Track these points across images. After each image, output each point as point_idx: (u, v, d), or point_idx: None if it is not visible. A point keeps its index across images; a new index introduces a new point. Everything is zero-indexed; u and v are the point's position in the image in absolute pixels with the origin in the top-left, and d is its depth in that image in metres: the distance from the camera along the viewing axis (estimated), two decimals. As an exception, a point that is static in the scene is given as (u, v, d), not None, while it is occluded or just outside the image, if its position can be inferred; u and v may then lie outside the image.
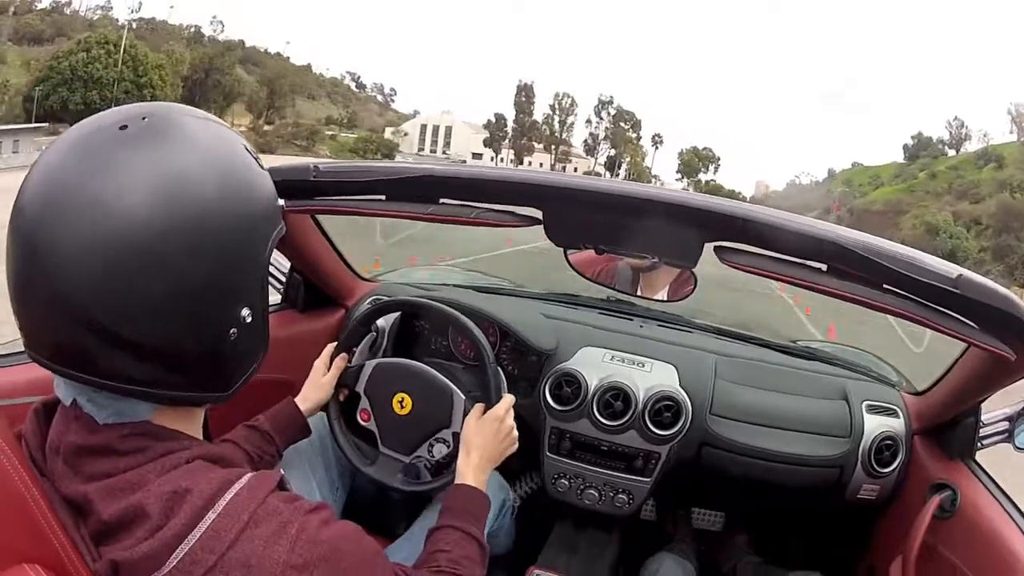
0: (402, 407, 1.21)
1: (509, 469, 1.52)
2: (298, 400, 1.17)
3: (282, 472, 0.72)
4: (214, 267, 0.63)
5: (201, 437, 0.71)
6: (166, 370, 0.63)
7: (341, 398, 1.24)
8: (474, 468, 1.04)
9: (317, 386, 1.20)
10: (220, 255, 0.64)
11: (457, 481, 1.03)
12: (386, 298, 1.35)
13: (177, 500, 0.61)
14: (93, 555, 0.62)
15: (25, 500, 0.56)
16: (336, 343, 1.26)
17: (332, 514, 0.70)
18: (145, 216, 0.59)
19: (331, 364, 1.22)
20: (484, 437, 1.08)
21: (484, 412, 1.12)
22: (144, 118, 0.63)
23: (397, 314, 1.42)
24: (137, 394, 0.63)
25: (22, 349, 1.04)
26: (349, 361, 1.25)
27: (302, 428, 1.16)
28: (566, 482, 1.47)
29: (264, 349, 0.73)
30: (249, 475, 0.66)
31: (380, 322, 1.39)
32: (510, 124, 69.10)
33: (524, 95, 69.43)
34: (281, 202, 0.73)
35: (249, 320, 0.67)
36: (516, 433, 1.12)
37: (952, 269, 0.82)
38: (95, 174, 0.59)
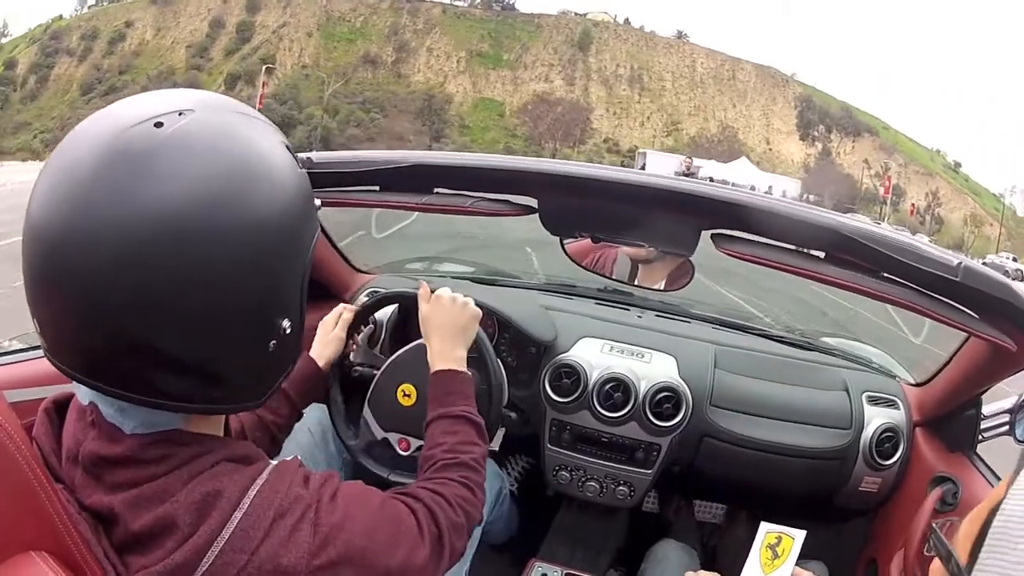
0: (407, 397, 1.21)
1: (497, 456, 1.51)
2: (312, 355, 1.13)
3: (297, 456, 0.72)
4: (259, 280, 0.60)
5: (222, 433, 0.70)
6: (204, 385, 0.60)
7: (352, 347, 1.23)
8: (440, 352, 1.00)
9: (326, 342, 1.16)
10: (266, 268, 0.60)
11: (432, 371, 0.99)
12: (383, 290, 1.34)
13: (208, 505, 0.60)
14: (118, 567, 0.60)
15: (33, 488, 0.56)
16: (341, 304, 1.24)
17: (338, 480, 0.70)
18: (188, 229, 0.55)
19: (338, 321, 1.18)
20: (441, 316, 1.03)
21: (431, 298, 1.06)
22: (180, 113, 0.58)
23: (395, 306, 1.42)
24: (171, 408, 0.61)
25: (28, 345, 1.04)
26: (351, 346, 1.24)
27: (317, 381, 1.11)
28: (567, 474, 1.46)
29: (299, 355, 0.71)
30: (268, 468, 0.65)
31: (378, 314, 1.38)
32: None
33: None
34: (318, 202, 0.69)
35: (288, 331, 0.65)
36: (472, 302, 1.06)
37: (952, 258, 0.81)
38: (130, 181, 0.54)
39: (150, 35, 62.27)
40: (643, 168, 36.25)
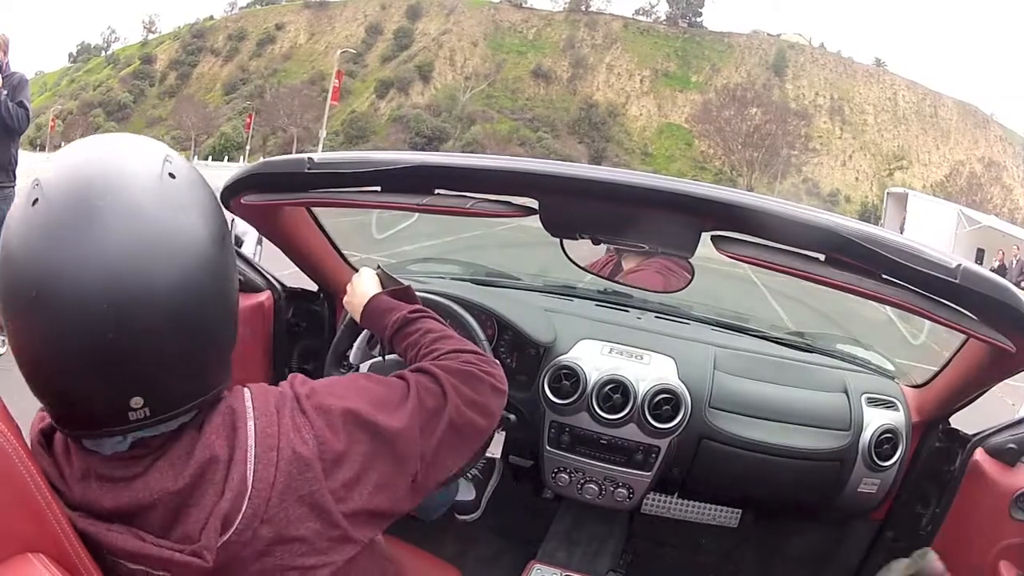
0: None
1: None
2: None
3: None
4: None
5: None
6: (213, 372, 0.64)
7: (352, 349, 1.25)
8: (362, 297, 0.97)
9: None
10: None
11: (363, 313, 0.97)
12: None
13: (231, 424, 0.62)
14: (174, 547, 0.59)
15: (28, 487, 0.56)
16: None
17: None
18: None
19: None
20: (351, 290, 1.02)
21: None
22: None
23: None
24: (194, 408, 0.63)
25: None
26: (347, 355, 1.24)
27: None
28: (566, 476, 1.46)
29: None
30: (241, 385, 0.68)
31: None
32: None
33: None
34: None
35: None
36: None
37: (951, 260, 0.81)
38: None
39: (303, 39, 60.08)
40: (902, 227, 21.96)
